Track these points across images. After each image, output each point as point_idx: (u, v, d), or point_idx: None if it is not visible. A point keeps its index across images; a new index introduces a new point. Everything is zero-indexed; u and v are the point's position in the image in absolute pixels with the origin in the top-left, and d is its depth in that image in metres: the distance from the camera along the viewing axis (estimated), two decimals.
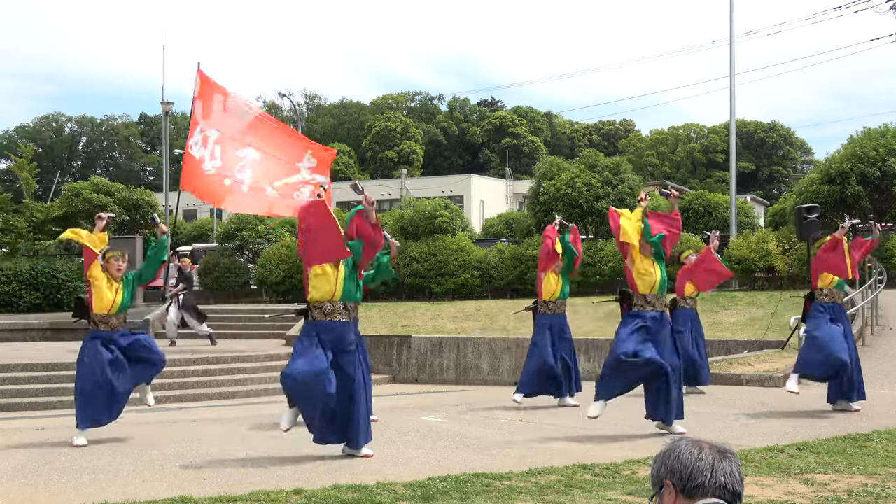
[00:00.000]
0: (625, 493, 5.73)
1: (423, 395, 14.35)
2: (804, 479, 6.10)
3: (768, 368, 12.66)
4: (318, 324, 7.16)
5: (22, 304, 22.21)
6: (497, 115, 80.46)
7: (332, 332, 7.13)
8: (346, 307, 7.21)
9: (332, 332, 7.13)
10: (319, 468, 6.82)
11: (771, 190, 74.81)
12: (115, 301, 8.30)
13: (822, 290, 9.62)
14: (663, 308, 8.35)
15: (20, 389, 13.12)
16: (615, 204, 23.43)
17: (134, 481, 6.43)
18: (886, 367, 12.96)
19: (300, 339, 7.23)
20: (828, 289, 9.63)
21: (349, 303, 7.26)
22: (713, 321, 16.87)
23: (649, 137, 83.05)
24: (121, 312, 8.37)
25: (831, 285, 9.65)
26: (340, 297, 7.17)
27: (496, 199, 53.89)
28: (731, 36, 25.06)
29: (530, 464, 6.79)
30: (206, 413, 11.45)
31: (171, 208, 29.32)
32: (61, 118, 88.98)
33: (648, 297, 8.24)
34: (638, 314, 8.22)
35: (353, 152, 77.98)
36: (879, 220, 23.79)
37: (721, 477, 2.33)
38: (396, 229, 24.65)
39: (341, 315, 7.18)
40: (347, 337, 7.18)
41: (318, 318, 7.16)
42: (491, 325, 18.09)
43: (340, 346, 7.14)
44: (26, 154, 26.99)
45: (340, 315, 7.18)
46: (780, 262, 20.74)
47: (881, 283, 17.93)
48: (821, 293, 9.62)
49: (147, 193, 30.30)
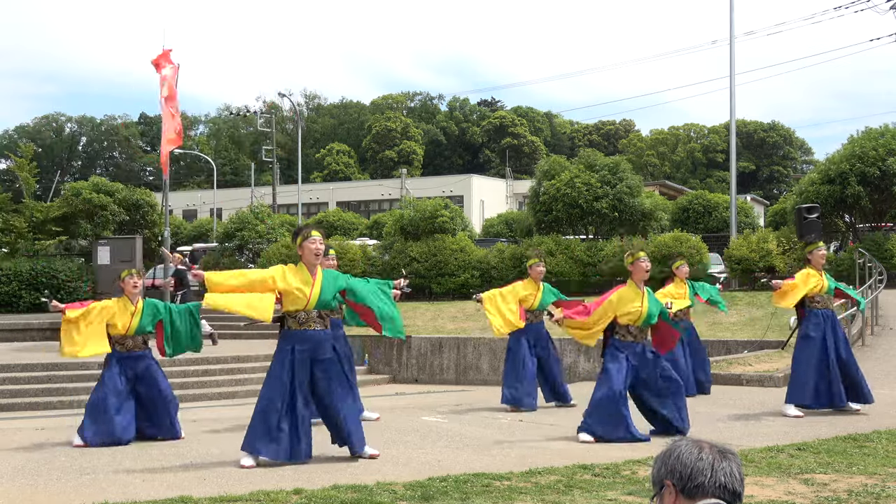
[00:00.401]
0: (625, 493, 5.73)
1: (423, 395, 14.35)
2: (804, 479, 6.10)
3: (768, 368, 12.65)
4: (293, 334, 7.11)
5: (22, 304, 22.21)
6: (497, 115, 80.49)
7: (307, 341, 7.09)
8: (320, 315, 7.19)
9: (307, 342, 7.09)
10: (319, 468, 6.82)
11: (771, 190, 74.85)
12: (132, 325, 8.28)
13: (814, 298, 9.51)
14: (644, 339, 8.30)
15: (20, 389, 13.13)
16: (614, 203, 23.50)
17: (134, 481, 6.43)
18: (886, 367, 12.95)
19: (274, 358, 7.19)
20: (819, 296, 9.52)
21: (324, 311, 7.23)
22: (713, 321, 16.87)
23: (649, 137, 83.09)
24: (138, 334, 8.37)
25: (822, 292, 9.54)
26: (315, 306, 7.15)
27: (496, 199, 53.90)
28: (731, 36, 25.08)
29: (530, 464, 6.79)
30: (206, 413, 11.45)
31: (171, 208, 29.30)
32: (61, 118, 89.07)
33: (631, 329, 8.20)
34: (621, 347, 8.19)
35: (353, 152, 78.04)
36: (879, 220, 23.88)
37: (721, 477, 2.33)
38: (396, 229, 24.67)
39: (316, 323, 7.15)
40: (324, 345, 7.15)
41: (294, 327, 7.13)
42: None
43: (316, 354, 7.10)
44: (26, 154, 26.98)
45: (315, 324, 7.15)
46: (780, 262, 20.74)
47: (881, 283, 17.93)
48: (812, 301, 9.52)
49: (147, 193, 30.30)
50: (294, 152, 50.14)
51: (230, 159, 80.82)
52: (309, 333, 7.10)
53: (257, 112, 52.42)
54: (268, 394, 7.09)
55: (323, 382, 7.09)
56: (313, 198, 55.91)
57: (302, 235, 7.24)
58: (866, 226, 24.58)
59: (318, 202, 55.78)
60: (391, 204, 49.08)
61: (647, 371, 8.13)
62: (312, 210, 52.47)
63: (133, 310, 8.32)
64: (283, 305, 7.17)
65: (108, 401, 8.13)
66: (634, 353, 8.14)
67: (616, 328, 8.23)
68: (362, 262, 23.50)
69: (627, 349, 8.14)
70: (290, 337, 7.12)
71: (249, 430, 7.05)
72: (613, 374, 8.05)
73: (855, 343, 14.21)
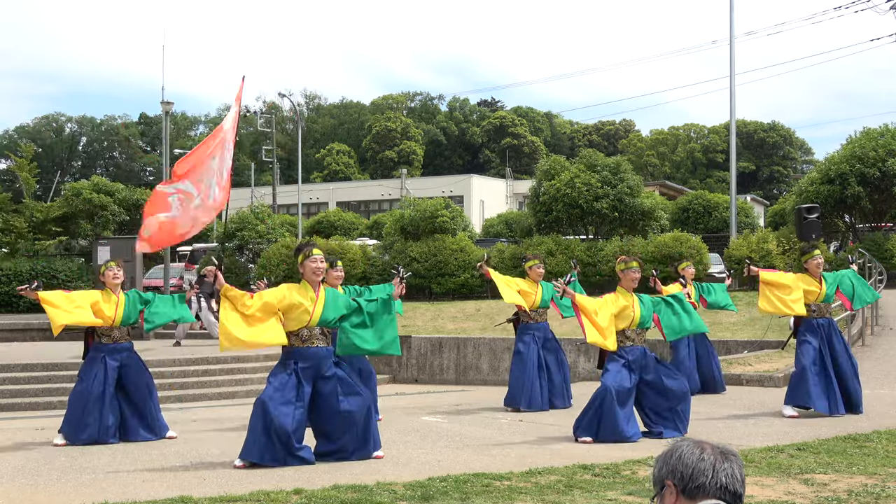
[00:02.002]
0: (625, 494, 5.72)
1: (423, 395, 14.35)
2: (804, 479, 6.10)
3: (768, 368, 12.65)
4: (295, 351, 7.09)
5: (22, 304, 22.21)
6: (497, 116, 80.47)
7: (310, 359, 7.07)
8: (322, 332, 7.18)
9: (310, 360, 7.07)
10: (319, 468, 6.82)
11: (771, 190, 74.83)
12: (117, 315, 8.26)
13: (810, 307, 9.46)
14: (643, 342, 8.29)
15: (20, 389, 13.12)
16: (614, 203, 23.49)
17: (134, 481, 6.43)
18: (886, 367, 12.96)
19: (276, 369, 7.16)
20: (815, 304, 9.47)
21: (326, 328, 7.21)
22: (713, 321, 16.87)
23: (649, 137, 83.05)
24: (124, 325, 8.36)
25: (818, 301, 9.48)
26: (317, 324, 7.14)
27: (496, 200, 53.90)
28: (731, 36, 25.07)
29: (530, 464, 6.79)
30: (206, 413, 11.45)
31: None
32: (61, 118, 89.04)
33: (627, 332, 8.21)
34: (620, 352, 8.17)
35: (353, 152, 78.03)
36: (879, 220, 23.88)
37: (722, 478, 2.32)
38: (396, 229, 24.65)
39: (318, 340, 7.14)
40: (326, 362, 7.14)
41: (296, 344, 7.10)
42: (491, 325, 18.07)
43: (319, 372, 7.09)
44: (26, 154, 27.00)
45: (318, 340, 7.14)
46: (780, 262, 20.72)
47: (881, 283, 17.94)
48: (808, 310, 9.46)
49: (147, 193, 30.26)
50: (294, 152, 50.13)
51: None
52: (312, 351, 7.09)
53: (257, 112, 52.40)
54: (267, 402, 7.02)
55: (330, 398, 7.07)
56: (313, 198, 55.91)
57: (304, 254, 7.24)
58: (866, 226, 24.59)
59: (318, 202, 55.77)
60: (391, 204, 49.05)
61: (650, 374, 8.15)
62: (312, 210, 52.45)
63: (116, 300, 8.31)
64: (286, 324, 7.13)
65: (89, 398, 8.13)
66: (635, 357, 8.15)
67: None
68: (362, 263, 23.49)
69: (628, 353, 8.15)
70: (292, 354, 7.11)
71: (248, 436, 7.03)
72: (610, 374, 8.10)
73: (855, 343, 14.22)
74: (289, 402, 6.93)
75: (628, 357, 8.12)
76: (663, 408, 8.16)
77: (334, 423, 7.09)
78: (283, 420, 6.84)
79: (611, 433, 7.89)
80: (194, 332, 18.60)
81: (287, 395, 6.94)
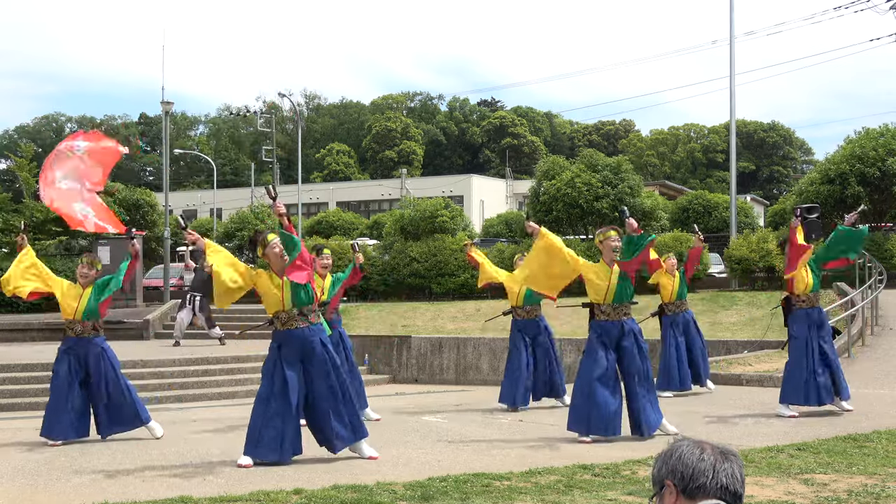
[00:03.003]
0: (625, 493, 5.72)
1: (423, 395, 14.36)
2: (804, 479, 6.10)
3: (768, 368, 12.66)
4: (278, 334, 7.22)
5: (22, 305, 22.21)
6: (497, 115, 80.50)
7: (293, 341, 7.14)
8: (301, 313, 7.20)
9: (293, 342, 7.14)
10: (319, 468, 6.82)
11: (771, 190, 74.86)
12: (79, 308, 8.23)
13: (800, 297, 9.53)
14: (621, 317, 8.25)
15: (20, 389, 13.13)
16: (615, 203, 23.48)
17: (134, 481, 6.43)
18: (886, 367, 12.96)
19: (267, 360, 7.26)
20: (804, 295, 9.53)
21: (305, 307, 7.23)
22: (713, 321, 16.88)
23: (649, 137, 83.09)
24: (87, 319, 8.28)
25: (807, 291, 9.55)
26: (291, 306, 7.17)
27: (496, 200, 53.91)
28: (731, 36, 25.06)
29: (530, 464, 6.79)
30: (206, 413, 11.44)
31: (171, 208, 29.30)
32: (61, 118, 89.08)
33: (603, 307, 8.20)
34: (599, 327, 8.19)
35: (353, 152, 78.05)
36: (879, 220, 23.87)
37: (723, 478, 2.32)
38: (396, 229, 24.65)
39: (297, 321, 7.18)
40: (311, 341, 7.16)
41: (279, 327, 7.23)
42: (491, 324, 18.08)
43: (304, 353, 7.14)
44: (26, 154, 27.00)
45: (296, 321, 7.18)
46: (780, 262, 20.72)
47: (881, 283, 17.93)
48: (798, 299, 9.53)
49: (147, 193, 30.28)
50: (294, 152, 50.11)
51: (230, 159, 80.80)
52: (294, 333, 7.15)
53: (257, 112, 52.45)
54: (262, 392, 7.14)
55: (318, 379, 7.13)
56: (313, 198, 55.91)
57: (261, 243, 7.32)
58: (866, 226, 24.55)
59: (318, 202, 55.77)
60: (391, 204, 49.06)
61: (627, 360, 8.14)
62: (312, 210, 52.45)
63: (81, 293, 8.31)
64: (266, 309, 7.31)
65: (60, 396, 8.13)
66: (611, 339, 8.12)
67: (593, 309, 8.24)
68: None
69: (606, 335, 8.12)
70: (276, 337, 7.26)
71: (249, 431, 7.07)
72: (585, 364, 8.16)
73: (855, 343, 14.22)
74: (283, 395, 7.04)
75: (603, 334, 8.12)
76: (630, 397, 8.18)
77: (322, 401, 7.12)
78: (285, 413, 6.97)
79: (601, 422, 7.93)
80: (194, 332, 18.62)
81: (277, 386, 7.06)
